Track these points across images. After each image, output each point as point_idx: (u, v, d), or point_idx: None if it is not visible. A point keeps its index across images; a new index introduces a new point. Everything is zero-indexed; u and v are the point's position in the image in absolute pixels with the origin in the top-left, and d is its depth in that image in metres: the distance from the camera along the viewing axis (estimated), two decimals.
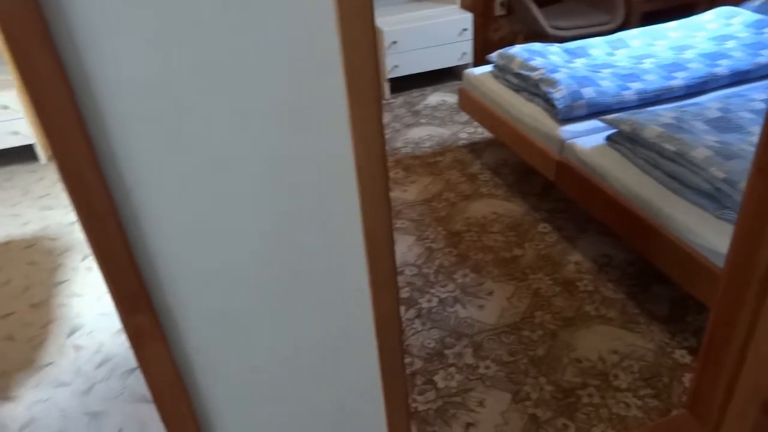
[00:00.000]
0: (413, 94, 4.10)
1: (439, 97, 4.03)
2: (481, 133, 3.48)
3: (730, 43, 2.90)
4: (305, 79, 0.73)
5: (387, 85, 4.03)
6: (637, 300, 2.17)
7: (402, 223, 2.73)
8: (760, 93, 2.37)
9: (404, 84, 4.19)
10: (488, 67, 3.10)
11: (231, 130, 0.73)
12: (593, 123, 2.46)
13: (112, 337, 2.24)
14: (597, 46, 3.02)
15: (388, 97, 4.04)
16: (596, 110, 2.49)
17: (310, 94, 0.74)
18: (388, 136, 3.51)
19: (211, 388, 0.87)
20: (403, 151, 3.36)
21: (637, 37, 3.10)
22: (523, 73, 2.71)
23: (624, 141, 2.22)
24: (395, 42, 3.85)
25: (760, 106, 2.25)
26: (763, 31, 2.98)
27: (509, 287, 2.29)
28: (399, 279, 2.37)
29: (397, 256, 2.49)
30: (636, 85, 2.56)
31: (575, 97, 2.46)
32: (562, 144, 2.43)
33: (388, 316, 0.91)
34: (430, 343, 2.07)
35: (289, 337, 0.91)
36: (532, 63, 2.73)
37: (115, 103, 0.66)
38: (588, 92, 2.49)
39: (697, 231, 1.83)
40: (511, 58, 2.84)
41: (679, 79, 2.59)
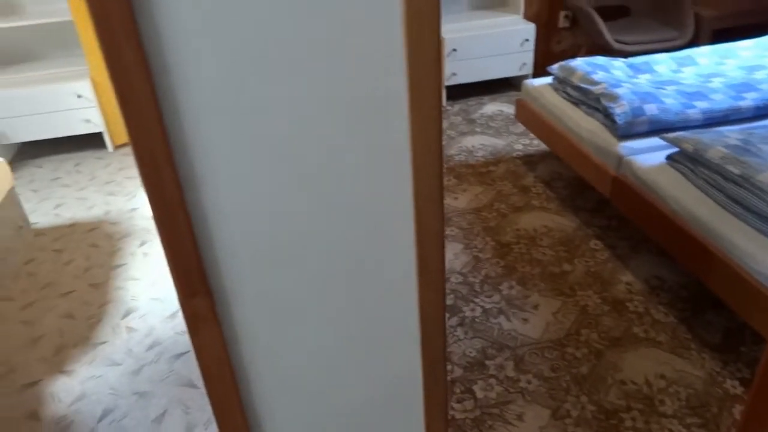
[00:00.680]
0: (470, 103, 4.09)
1: (496, 107, 4.00)
2: (537, 145, 3.44)
3: None
4: (370, 80, 0.75)
5: (444, 92, 4.04)
6: (689, 325, 2.10)
7: (451, 231, 2.72)
8: None
9: (461, 92, 4.19)
10: (548, 79, 3.07)
11: (294, 125, 0.76)
12: (654, 140, 2.40)
13: (163, 322, 2.32)
14: (663, 62, 2.95)
15: (445, 104, 4.04)
16: (658, 128, 2.43)
17: (373, 94, 0.76)
18: (443, 143, 3.52)
19: (257, 374, 0.90)
20: (457, 158, 3.36)
21: (705, 55, 3.00)
22: (584, 86, 2.67)
23: (685, 161, 2.15)
24: (455, 50, 3.85)
25: None
26: None
27: (556, 302, 2.26)
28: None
29: None
30: (702, 104, 2.48)
31: (637, 113, 2.41)
32: (620, 160, 2.38)
33: (434, 318, 0.92)
34: (472, 353, 2.06)
35: (335, 331, 0.93)
36: (594, 77, 2.69)
37: (189, 95, 0.69)
38: (650, 109, 2.43)
39: (758, 258, 1.76)
40: (572, 71, 2.80)
41: (749, 100, 2.50)
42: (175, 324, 2.31)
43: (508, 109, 3.94)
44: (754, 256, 1.77)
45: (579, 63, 2.85)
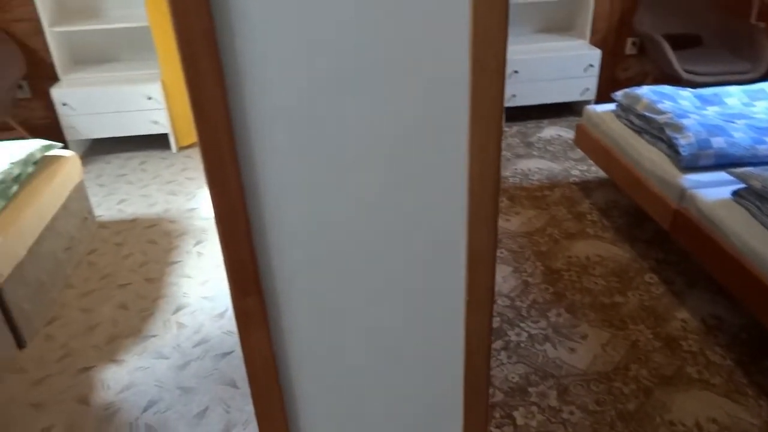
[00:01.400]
0: (528, 125, 4.05)
1: (555, 131, 3.95)
2: (595, 172, 3.37)
3: None
4: (433, 97, 0.76)
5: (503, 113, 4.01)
6: (747, 370, 2.00)
7: (501, 253, 2.69)
8: None
9: (520, 114, 4.15)
10: (611, 106, 3.01)
11: (357, 139, 0.77)
12: (720, 175, 2.32)
13: (211, 321, 2.38)
14: (734, 94, 2.85)
15: (503, 125, 4.02)
16: (725, 162, 2.35)
17: (436, 111, 0.77)
18: None
19: (300, 377, 0.91)
20: (511, 180, 3.33)
21: None
22: (649, 115, 2.61)
23: (752, 197, 2.07)
24: (516, 71, 3.83)
25: None
26: None
27: (605, 334, 2.20)
28: None
29: None
30: None
31: (703, 145, 2.33)
32: (683, 193, 2.30)
33: (479, 339, 0.91)
34: (514, 378, 2.02)
35: (378, 343, 0.94)
36: (660, 106, 2.62)
37: (259, 104, 0.72)
38: (718, 142, 2.35)
39: None
40: (637, 99, 2.74)
41: None
42: (223, 323, 2.37)
43: (567, 134, 3.88)
44: None
45: (645, 91, 2.78)
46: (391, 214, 0.82)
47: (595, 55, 3.88)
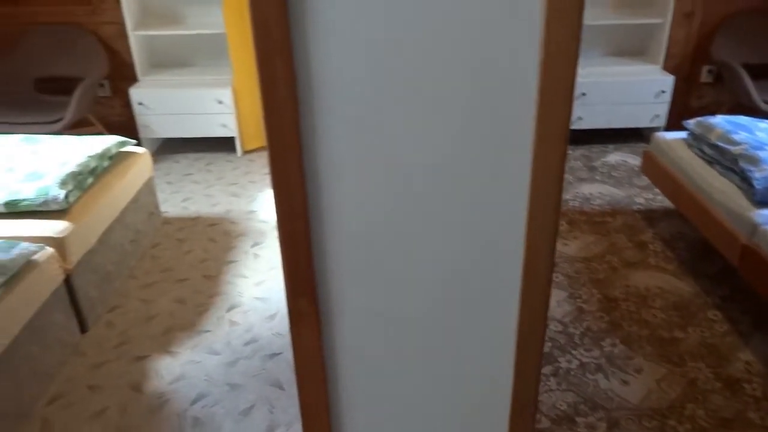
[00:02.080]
0: (593, 149, 3.96)
1: (620, 157, 3.85)
2: (660, 201, 3.26)
3: None
4: (499, 114, 0.76)
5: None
6: None
7: (556, 277, 2.64)
8: None
9: (585, 137, 4.07)
10: (681, 134, 2.91)
11: (420, 150, 0.78)
12: None
13: (263, 321, 2.43)
14: None
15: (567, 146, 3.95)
16: None
17: (501, 128, 0.77)
18: None
19: (347, 379, 0.92)
20: (571, 204, 3.26)
21: None
22: (722, 145, 2.51)
23: None
24: (584, 94, 3.76)
25: None
26: None
27: (661, 369, 2.11)
28: None
29: None
30: None
31: None
32: (755, 228, 2.19)
33: (529, 363, 0.90)
34: (562, 405, 1.97)
35: (427, 354, 0.94)
36: (735, 136, 2.51)
37: (328, 110, 0.74)
38: None
39: None
40: (710, 128, 2.64)
41: None
42: (273, 325, 2.41)
43: (633, 160, 3.78)
44: None
45: (719, 120, 2.68)
46: (448, 227, 0.83)
47: (668, 82, 3.77)
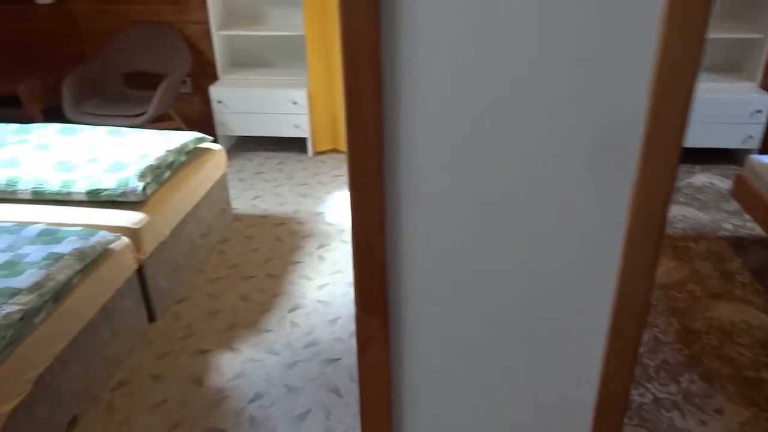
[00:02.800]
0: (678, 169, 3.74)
1: (707, 179, 3.62)
2: (751, 228, 3.03)
3: None
4: (602, 131, 0.69)
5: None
6: None
7: None
8: None
9: None
10: None
11: (508, 167, 0.72)
12: None
13: (324, 325, 2.42)
14: None
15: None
16: None
17: (603, 145, 0.70)
18: None
19: (412, 403, 0.88)
20: None
21: None
22: None
23: None
24: None
25: None
26: None
27: (745, 412, 1.94)
28: None
29: None
30: None
31: None
32: None
33: (614, 395, 0.82)
34: None
35: (502, 383, 0.88)
36: None
37: (412, 122, 0.70)
38: None
39: None
40: None
41: None
42: (334, 330, 2.39)
43: (721, 183, 3.54)
44: None
45: None
46: (534, 250, 0.76)
47: (765, 101, 3.52)
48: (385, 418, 0.87)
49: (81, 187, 2.33)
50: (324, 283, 2.69)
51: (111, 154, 2.59)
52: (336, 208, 3.33)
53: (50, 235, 2.03)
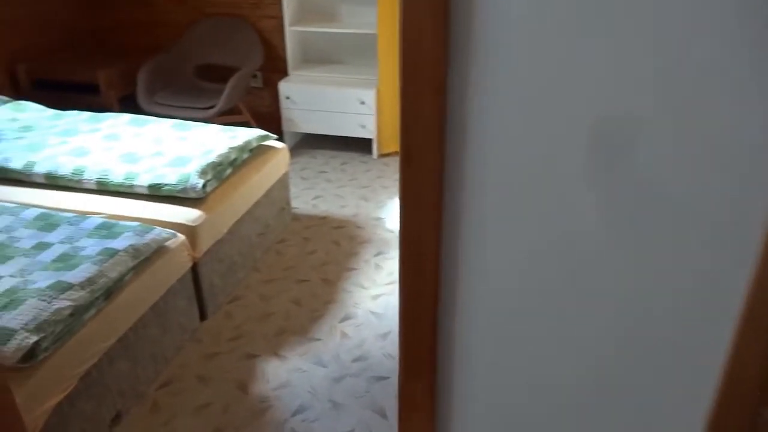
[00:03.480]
0: None
1: None
2: None
3: None
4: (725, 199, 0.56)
5: None
6: None
7: None
8: None
9: None
10: None
11: (587, 209, 0.60)
12: None
13: (375, 339, 2.33)
14: None
15: None
16: None
17: (721, 213, 0.57)
18: None
19: None
20: None
21: None
22: None
23: None
24: None
25: None
26: None
27: None
28: None
29: None
30: None
31: None
32: None
33: None
34: None
35: None
36: None
37: (478, 163, 0.58)
38: None
39: None
40: None
41: None
42: (385, 345, 2.30)
43: None
44: None
45: None
46: (622, 320, 0.63)
47: None
48: None
49: (143, 180, 2.33)
50: (378, 294, 2.60)
51: (175, 148, 2.59)
52: (397, 215, 3.23)
53: (108, 229, 2.03)
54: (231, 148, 2.57)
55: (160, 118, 2.95)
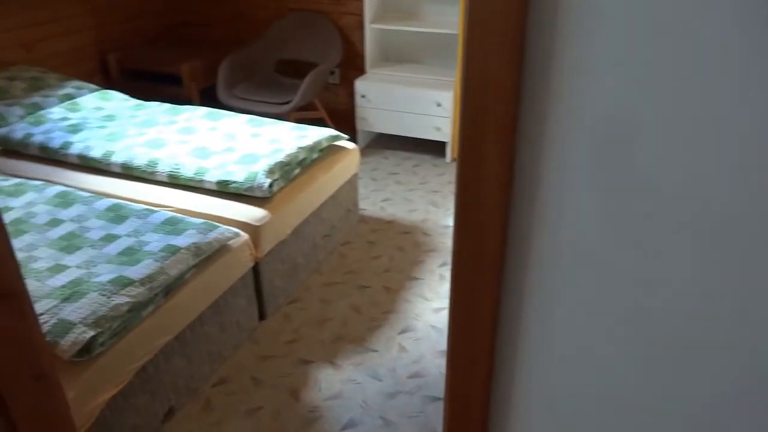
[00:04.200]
0: None
1: None
2: None
3: None
4: None
5: None
6: None
7: None
8: None
9: None
10: None
11: (673, 283, 0.48)
12: None
13: (433, 356, 2.23)
14: None
15: None
16: None
17: None
18: None
19: None
20: None
21: None
22: None
23: None
24: None
25: None
26: None
27: None
28: None
29: None
30: None
31: None
32: None
33: None
34: None
35: None
36: None
37: (551, 227, 0.48)
38: None
39: None
40: None
41: None
42: (443, 363, 2.20)
43: None
44: None
45: None
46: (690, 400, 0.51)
47: None
48: None
49: (212, 176, 2.33)
50: (440, 307, 2.50)
51: (246, 144, 2.59)
52: None
53: (173, 224, 2.04)
54: (300, 148, 2.53)
55: (235, 113, 2.97)
